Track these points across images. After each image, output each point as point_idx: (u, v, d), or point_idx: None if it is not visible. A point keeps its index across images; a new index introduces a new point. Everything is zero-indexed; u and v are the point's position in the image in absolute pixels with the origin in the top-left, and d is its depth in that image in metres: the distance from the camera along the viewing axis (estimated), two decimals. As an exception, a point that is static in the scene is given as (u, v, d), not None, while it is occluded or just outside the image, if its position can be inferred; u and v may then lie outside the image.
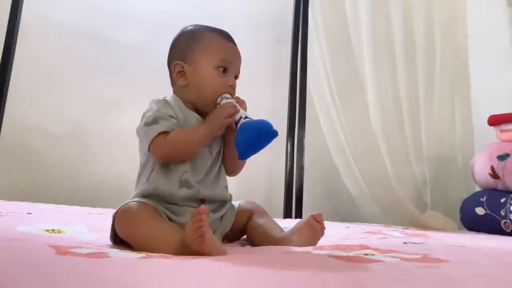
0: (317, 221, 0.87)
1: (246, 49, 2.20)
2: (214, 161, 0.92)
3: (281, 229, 0.92)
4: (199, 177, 0.88)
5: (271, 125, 0.86)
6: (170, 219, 0.83)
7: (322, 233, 0.88)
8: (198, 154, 0.88)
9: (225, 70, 0.92)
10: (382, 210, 1.99)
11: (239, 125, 0.86)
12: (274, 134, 0.85)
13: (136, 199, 0.84)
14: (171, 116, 0.88)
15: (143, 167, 0.91)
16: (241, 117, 0.87)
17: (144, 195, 0.86)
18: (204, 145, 0.88)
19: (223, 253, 0.71)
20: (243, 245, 0.92)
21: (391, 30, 2.20)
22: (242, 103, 0.92)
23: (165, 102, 0.91)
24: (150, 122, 0.86)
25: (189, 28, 0.98)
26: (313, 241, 0.86)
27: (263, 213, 0.97)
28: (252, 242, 0.93)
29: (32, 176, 1.95)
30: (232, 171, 0.97)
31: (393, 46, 2.19)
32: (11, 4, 1.94)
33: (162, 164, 0.87)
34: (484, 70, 2.31)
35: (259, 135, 0.85)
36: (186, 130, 0.88)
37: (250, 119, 0.87)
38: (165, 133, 0.85)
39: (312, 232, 0.86)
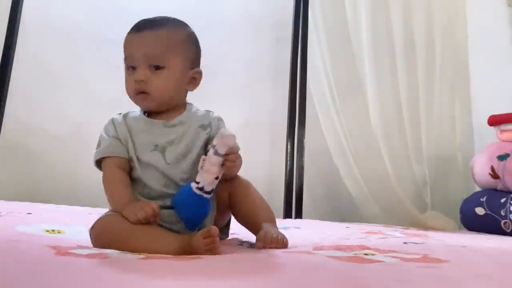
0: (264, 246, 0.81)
1: (246, 49, 2.24)
2: (184, 177, 0.85)
3: (262, 213, 0.89)
4: (156, 192, 0.84)
5: (194, 221, 0.80)
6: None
7: (282, 244, 0.82)
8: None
9: (134, 67, 0.86)
10: (382, 210, 1.99)
11: (189, 187, 0.79)
12: (190, 227, 0.80)
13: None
14: (112, 137, 0.86)
15: None
16: (192, 181, 0.79)
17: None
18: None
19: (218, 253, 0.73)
20: (241, 243, 0.92)
21: (391, 30, 2.20)
22: (232, 162, 0.79)
23: (111, 121, 0.88)
24: (97, 144, 0.88)
25: None
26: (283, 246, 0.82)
27: (241, 190, 0.91)
28: (239, 222, 0.92)
29: (32, 176, 1.95)
30: None
31: (393, 46, 2.19)
32: (11, 4, 1.94)
33: None
34: (484, 70, 2.31)
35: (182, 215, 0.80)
36: (114, 191, 0.82)
37: (199, 194, 0.78)
38: (102, 159, 0.85)
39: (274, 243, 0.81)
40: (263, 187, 0.85)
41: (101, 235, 0.76)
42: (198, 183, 0.78)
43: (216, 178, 0.78)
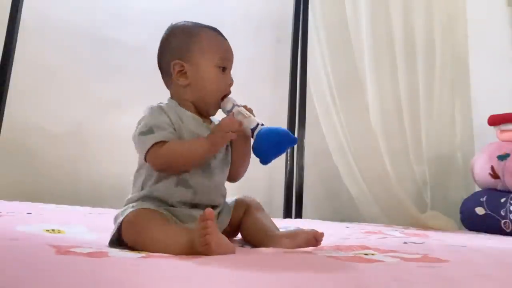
0: (316, 240, 0.85)
1: (246, 49, 2.24)
2: (218, 167, 0.91)
3: (275, 227, 0.91)
4: (199, 179, 0.87)
5: (289, 132, 0.89)
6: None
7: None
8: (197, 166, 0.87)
9: (224, 69, 0.93)
10: (382, 210, 1.99)
11: (256, 131, 0.86)
12: (295, 140, 0.88)
13: (134, 204, 0.83)
14: (168, 124, 0.86)
15: (137, 172, 0.90)
16: (258, 124, 0.88)
17: (139, 199, 0.85)
18: (203, 159, 0.87)
19: (231, 251, 0.71)
20: (243, 245, 0.92)
21: (391, 30, 2.20)
22: (249, 110, 0.93)
23: (159, 108, 0.88)
24: (145, 131, 0.84)
25: (181, 25, 0.96)
26: (299, 247, 0.84)
27: (259, 208, 0.96)
28: (246, 237, 0.94)
29: (32, 176, 1.94)
30: (236, 177, 0.97)
31: (393, 46, 2.19)
32: (11, 4, 1.94)
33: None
34: (484, 70, 2.31)
35: (282, 140, 0.86)
36: (185, 143, 0.86)
37: (266, 126, 0.87)
38: (161, 143, 0.83)
39: (305, 244, 0.84)
40: (263, 187, 0.86)
41: (132, 234, 0.78)
42: (257, 124, 0.87)
43: None
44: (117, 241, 0.80)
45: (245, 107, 0.93)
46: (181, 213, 0.85)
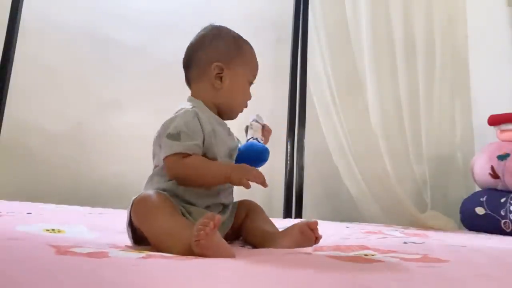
0: (311, 229, 0.84)
1: (246, 49, 2.23)
2: None
3: (274, 229, 0.92)
4: (217, 186, 0.90)
5: (265, 153, 1.00)
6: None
7: (315, 242, 0.84)
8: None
9: (250, 84, 0.99)
10: (382, 210, 1.99)
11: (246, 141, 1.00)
12: (263, 161, 1.01)
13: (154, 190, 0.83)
14: (197, 134, 0.85)
15: (161, 169, 0.88)
16: (254, 140, 1.01)
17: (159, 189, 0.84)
18: (215, 186, 0.89)
19: (230, 256, 0.70)
20: (243, 245, 0.92)
21: (391, 30, 2.20)
22: (268, 131, 1.06)
23: (194, 114, 0.87)
24: (173, 135, 0.83)
25: (228, 30, 0.99)
26: (302, 247, 0.84)
27: (259, 210, 0.97)
28: (246, 239, 0.94)
29: (32, 176, 1.95)
30: None
31: (393, 46, 2.19)
32: (11, 4, 1.94)
33: None
34: (484, 70, 2.31)
35: (258, 158, 1.00)
36: (208, 166, 0.85)
37: (256, 141, 1.00)
38: (181, 154, 0.82)
39: (304, 239, 0.83)
40: (263, 187, 0.86)
41: (140, 211, 0.78)
42: (255, 138, 1.01)
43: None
44: (130, 226, 0.81)
45: (266, 127, 1.07)
46: (195, 210, 0.85)
